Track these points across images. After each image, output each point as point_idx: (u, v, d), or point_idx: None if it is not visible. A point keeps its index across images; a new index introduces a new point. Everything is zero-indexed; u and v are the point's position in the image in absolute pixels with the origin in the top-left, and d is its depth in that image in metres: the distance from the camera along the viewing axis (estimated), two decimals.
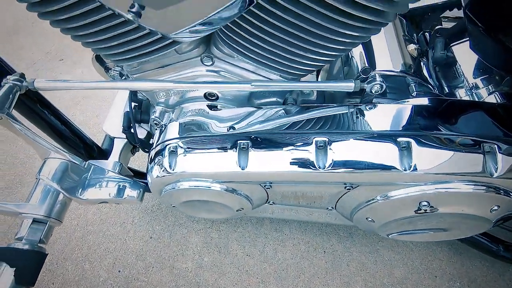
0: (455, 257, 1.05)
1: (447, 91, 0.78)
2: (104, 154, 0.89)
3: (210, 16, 0.39)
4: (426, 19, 0.94)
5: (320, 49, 0.54)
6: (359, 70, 0.79)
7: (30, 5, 0.50)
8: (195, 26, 0.41)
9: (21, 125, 0.64)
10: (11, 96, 0.59)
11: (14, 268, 0.59)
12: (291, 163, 0.61)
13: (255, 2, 0.39)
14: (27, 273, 0.61)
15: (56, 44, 1.92)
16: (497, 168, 0.56)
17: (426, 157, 0.58)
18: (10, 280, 0.59)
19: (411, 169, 0.57)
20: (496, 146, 0.57)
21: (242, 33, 0.53)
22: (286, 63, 0.58)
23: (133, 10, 0.40)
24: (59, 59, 1.85)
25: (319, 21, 0.47)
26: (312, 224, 1.13)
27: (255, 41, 0.54)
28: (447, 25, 0.89)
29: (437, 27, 0.88)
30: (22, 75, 0.62)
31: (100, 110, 1.55)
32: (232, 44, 0.57)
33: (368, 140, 0.60)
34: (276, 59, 0.58)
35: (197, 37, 0.46)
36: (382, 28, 0.51)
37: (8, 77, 0.60)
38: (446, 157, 0.57)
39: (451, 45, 0.81)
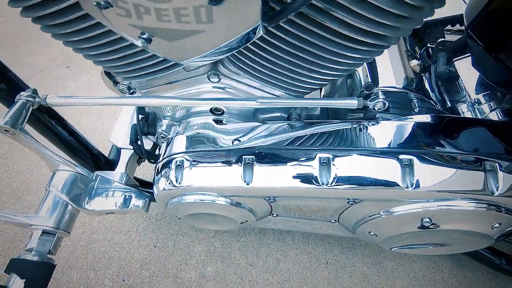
0: (457, 269, 1.05)
1: (450, 105, 0.79)
2: (111, 164, 0.90)
3: (220, 46, 0.41)
4: (429, 33, 0.96)
5: (324, 70, 0.55)
6: (362, 84, 0.80)
7: (45, 27, 0.52)
8: (204, 54, 0.42)
9: (32, 139, 0.66)
10: (24, 112, 0.61)
11: (24, 280, 0.61)
12: (295, 179, 0.62)
13: (262, 33, 0.41)
14: (36, 284, 0.62)
15: (63, 51, 1.95)
16: (498, 186, 0.57)
17: (428, 175, 0.59)
18: None
19: (413, 186, 0.58)
20: (497, 164, 0.58)
21: (249, 54, 0.55)
22: (291, 81, 0.60)
23: (144, 36, 0.42)
24: (66, 66, 1.88)
25: (324, 45, 0.49)
26: (315, 234, 1.14)
27: (262, 61, 0.55)
28: (449, 37, 0.90)
29: (439, 40, 0.89)
30: (35, 91, 0.63)
31: (105, 117, 1.57)
32: (239, 64, 0.59)
33: (371, 157, 0.61)
34: (282, 78, 0.59)
35: (206, 63, 0.47)
36: None
37: (21, 93, 0.61)
38: (447, 174, 0.58)
39: (453, 60, 0.82)
